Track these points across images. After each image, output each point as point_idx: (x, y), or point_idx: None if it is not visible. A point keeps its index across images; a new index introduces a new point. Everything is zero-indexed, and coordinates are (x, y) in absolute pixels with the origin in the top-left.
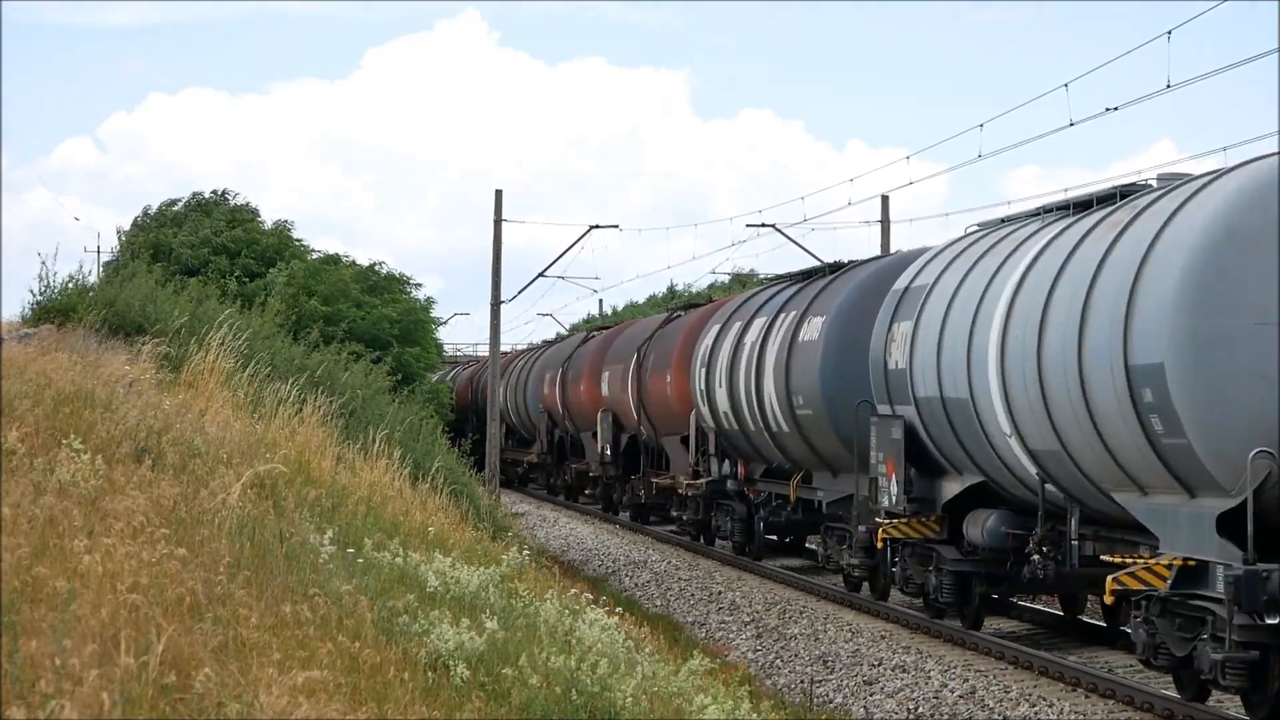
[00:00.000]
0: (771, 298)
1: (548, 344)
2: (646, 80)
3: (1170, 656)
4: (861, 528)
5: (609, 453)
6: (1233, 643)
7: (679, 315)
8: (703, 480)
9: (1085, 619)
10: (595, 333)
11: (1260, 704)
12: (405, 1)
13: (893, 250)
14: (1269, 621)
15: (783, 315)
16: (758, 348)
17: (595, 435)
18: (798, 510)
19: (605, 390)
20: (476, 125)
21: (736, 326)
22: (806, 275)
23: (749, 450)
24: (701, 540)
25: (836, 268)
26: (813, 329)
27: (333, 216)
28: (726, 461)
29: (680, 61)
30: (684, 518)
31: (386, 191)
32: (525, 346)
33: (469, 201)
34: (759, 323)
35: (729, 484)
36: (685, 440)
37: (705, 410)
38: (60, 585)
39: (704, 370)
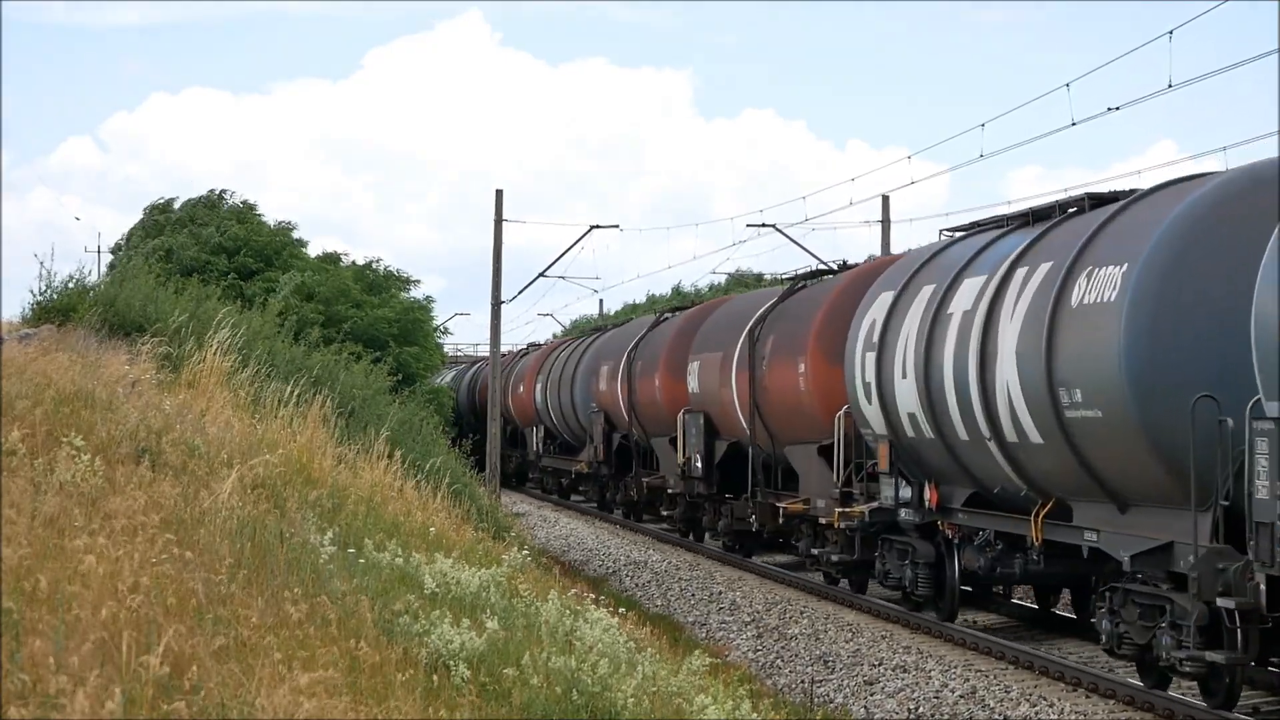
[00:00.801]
0: (986, 247)
1: (598, 330)
2: (648, 80)
3: None
4: (1226, 601)
5: (698, 465)
6: None
7: (804, 286)
8: (862, 507)
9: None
10: (669, 314)
11: None
12: (406, 1)
13: (895, 250)
14: None
15: (1022, 270)
16: (979, 319)
17: (676, 442)
18: (1040, 558)
19: (694, 385)
20: (477, 125)
21: (927, 291)
22: (1043, 214)
23: (949, 468)
24: (844, 584)
25: (1103, 199)
26: (1100, 285)
27: (333, 216)
28: (903, 482)
29: (682, 61)
30: (830, 557)
31: (387, 191)
32: (579, 333)
33: (470, 201)
34: (973, 284)
35: (904, 514)
36: (825, 451)
37: (870, 410)
38: (60, 585)
39: (870, 355)
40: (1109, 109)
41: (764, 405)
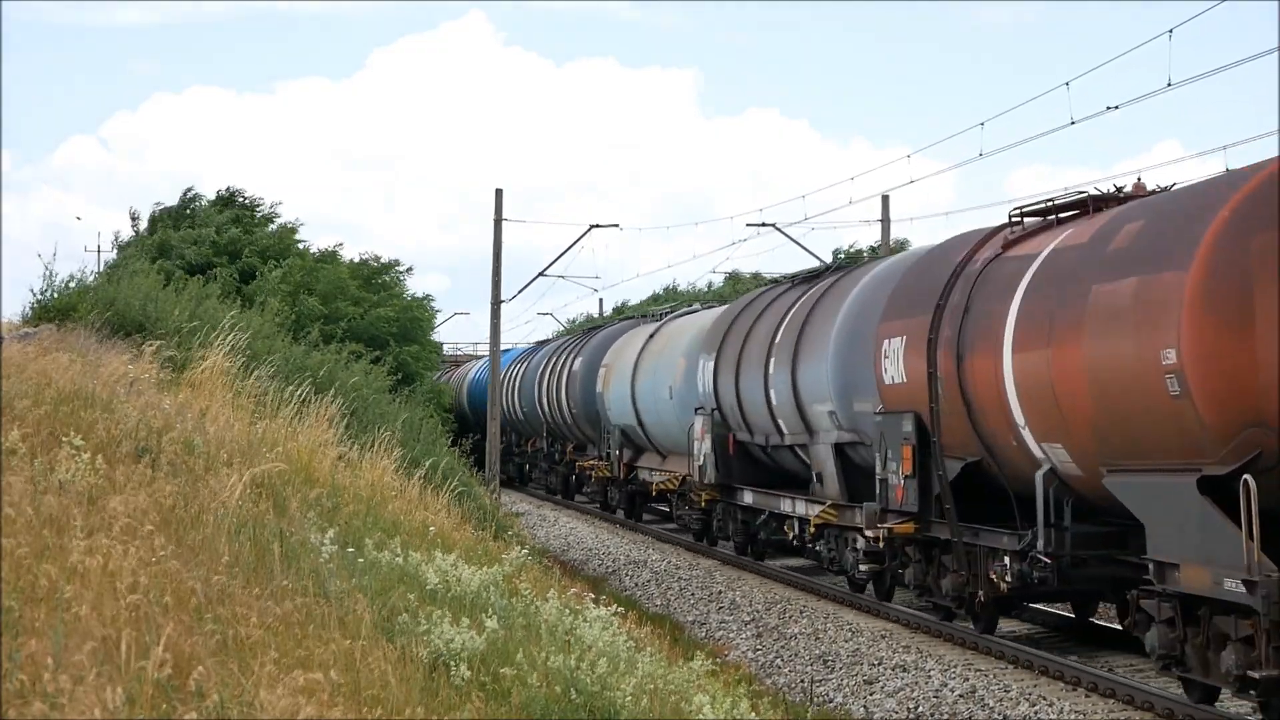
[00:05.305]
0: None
1: (791, 280)
2: (652, 80)
3: None
4: None
5: None
6: None
7: None
8: None
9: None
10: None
11: None
12: (410, 1)
13: (893, 246)
14: None
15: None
16: None
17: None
18: None
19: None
20: (481, 125)
21: None
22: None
23: None
24: None
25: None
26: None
27: (337, 216)
28: None
29: (686, 61)
30: None
31: (390, 191)
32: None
33: (472, 200)
34: None
35: None
36: None
37: None
38: (60, 585)
39: None
40: (1108, 108)
41: None
